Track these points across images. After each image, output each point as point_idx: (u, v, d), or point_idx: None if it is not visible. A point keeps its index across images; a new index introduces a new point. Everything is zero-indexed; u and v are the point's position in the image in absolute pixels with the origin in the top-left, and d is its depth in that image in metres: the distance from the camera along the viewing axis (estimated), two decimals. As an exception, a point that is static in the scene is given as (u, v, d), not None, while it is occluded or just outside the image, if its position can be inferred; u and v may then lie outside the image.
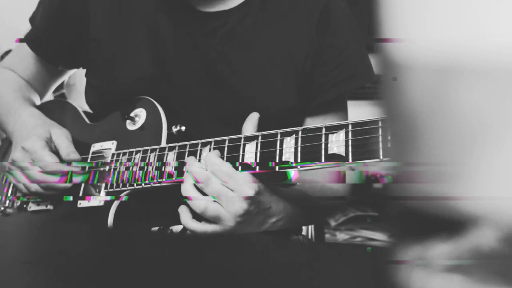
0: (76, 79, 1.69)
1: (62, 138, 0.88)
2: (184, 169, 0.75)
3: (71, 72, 1.08)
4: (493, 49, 0.17)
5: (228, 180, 0.70)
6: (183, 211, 0.76)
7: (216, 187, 0.71)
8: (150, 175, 0.81)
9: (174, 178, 0.78)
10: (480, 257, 0.18)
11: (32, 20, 1.01)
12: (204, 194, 0.73)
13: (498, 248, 0.18)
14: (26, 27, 1.02)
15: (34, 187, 0.86)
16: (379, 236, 2.12)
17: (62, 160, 0.87)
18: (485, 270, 0.18)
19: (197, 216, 0.75)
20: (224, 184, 0.71)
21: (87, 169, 0.89)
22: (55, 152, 0.88)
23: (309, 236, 1.16)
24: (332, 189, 0.89)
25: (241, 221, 0.72)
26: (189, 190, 0.73)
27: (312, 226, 1.21)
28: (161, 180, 0.79)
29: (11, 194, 0.99)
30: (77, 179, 0.87)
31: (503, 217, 0.17)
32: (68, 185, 0.87)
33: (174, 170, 0.78)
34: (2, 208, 0.95)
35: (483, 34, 0.17)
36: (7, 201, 0.98)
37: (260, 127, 0.75)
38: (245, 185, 0.70)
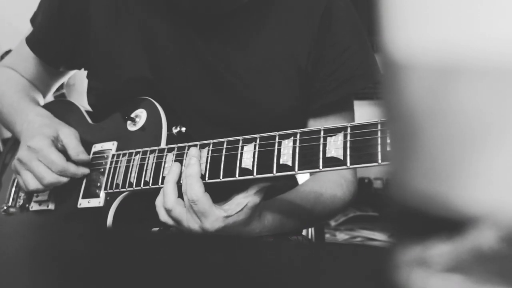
0: (76, 79, 1.69)
1: (71, 137, 0.88)
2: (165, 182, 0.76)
3: (72, 72, 1.08)
4: (494, 49, 0.17)
5: (200, 216, 0.72)
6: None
7: (177, 217, 0.74)
8: (146, 179, 0.81)
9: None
10: (480, 257, 0.18)
11: (33, 21, 1.01)
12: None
13: (498, 248, 0.18)
14: (27, 28, 1.02)
15: (35, 185, 0.86)
16: (379, 236, 2.12)
17: (68, 159, 0.87)
18: (485, 270, 0.18)
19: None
20: (194, 213, 0.73)
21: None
22: (62, 151, 0.87)
23: (309, 236, 1.16)
24: (333, 197, 0.88)
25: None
26: (158, 200, 0.77)
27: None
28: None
29: (15, 193, 0.99)
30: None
31: (503, 217, 0.17)
32: (65, 180, 0.86)
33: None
34: (6, 207, 0.95)
35: (484, 33, 0.17)
36: (10, 201, 0.98)
37: (262, 129, 0.74)
38: (211, 225, 0.72)
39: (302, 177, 1.05)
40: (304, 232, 1.08)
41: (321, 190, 0.86)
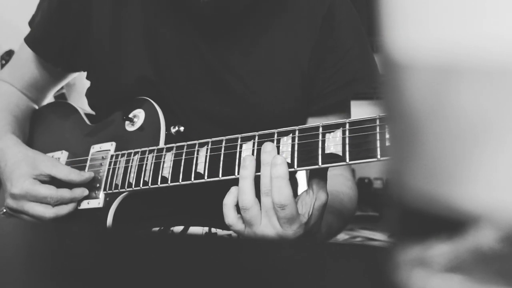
0: (76, 80, 1.70)
1: (56, 166, 0.85)
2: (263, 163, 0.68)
3: (71, 77, 1.07)
4: (495, 49, 0.17)
5: (285, 222, 0.65)
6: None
7: (253, 217, 0.67)
8: (146, 178, 0.81)
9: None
10: (480, 257, 0.18)
11: (31, 23, 1.00)
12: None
13: (498, 248, 0.18)
14: (27, 28, 1.02)
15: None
16: (379, 236, 2.12)
17: (58, 186, 0.85)
18: (485, 270, 0.18)
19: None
20: (279, 218, 0.66)
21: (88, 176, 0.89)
22: (48, 181, 0.86)
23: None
24: (350, 200, 0.87)
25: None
26: (229, 199, 0.69)
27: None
28: (156, 185, 0.79)
29: None
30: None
31: (503, 217, 0.17)
32: (71, 208, 0.85)
33: (170, 173, 0.78)
34: (5, 210, 0.95)
35: (484, 33, 0.17)
36: None
37: (263, 130, 0.74)
38: (295, 231, 0.66)
39: (302, 177, 1.05)
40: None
41: (340, 195, 0.85)
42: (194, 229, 0.88)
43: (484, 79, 0.17)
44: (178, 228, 0.89)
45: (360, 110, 1.02)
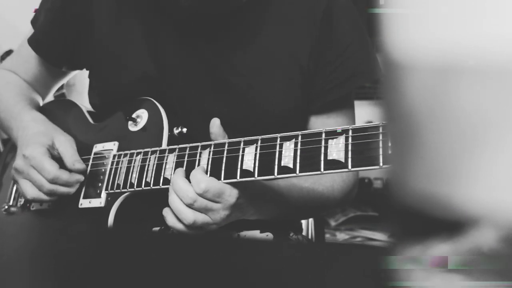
0: (76, 79, 1.70)
1: (66, 146, 0.87)
2: (170, 185, 0.76)
3: (74, 73, 1.08)
4: (495, 49, 0.17)
5: (216, 197, 0.72)
6: (168, 213, 0.77)
7: (203, 204, 0.72)
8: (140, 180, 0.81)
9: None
10: (480, 257, 0.18)
11: (34, 22, 1.01)
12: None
13: (498, 248, 0.18)
14: (27, 28, 1.02)
15: (35, 193, 0.85)
16: (379, 236, 2.12)
17: (62, 167, 0.86)
18: (485, 270, 0.18)
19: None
20: (210, 199, 0.72)
21: (88, 172, 0.89)
22: (58, 159, 0.87)
23: (309, 236, 1.16)
24: (318, 192, 0.87)
25: (223, 223, 0.75)
26: (176, 203, 0.74)
27: (312, 226, 1.21)
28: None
29: (16, 192, 0.99)
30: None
31: (503, 217, 0.18)
32: (72, 190, 0.86)
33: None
34: (6, 207, 0.95)
35: (485, 33, 0.17)
36: (11, 200, 0.98)
37: (263, 129, 0.74)
38: (231, 197, 0.72)
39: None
40: (304, 232, 1.08)
41: (301, 183, 0.85)
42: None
43: (484, 79, 0.17)
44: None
45: (361, 110, 1.02)
